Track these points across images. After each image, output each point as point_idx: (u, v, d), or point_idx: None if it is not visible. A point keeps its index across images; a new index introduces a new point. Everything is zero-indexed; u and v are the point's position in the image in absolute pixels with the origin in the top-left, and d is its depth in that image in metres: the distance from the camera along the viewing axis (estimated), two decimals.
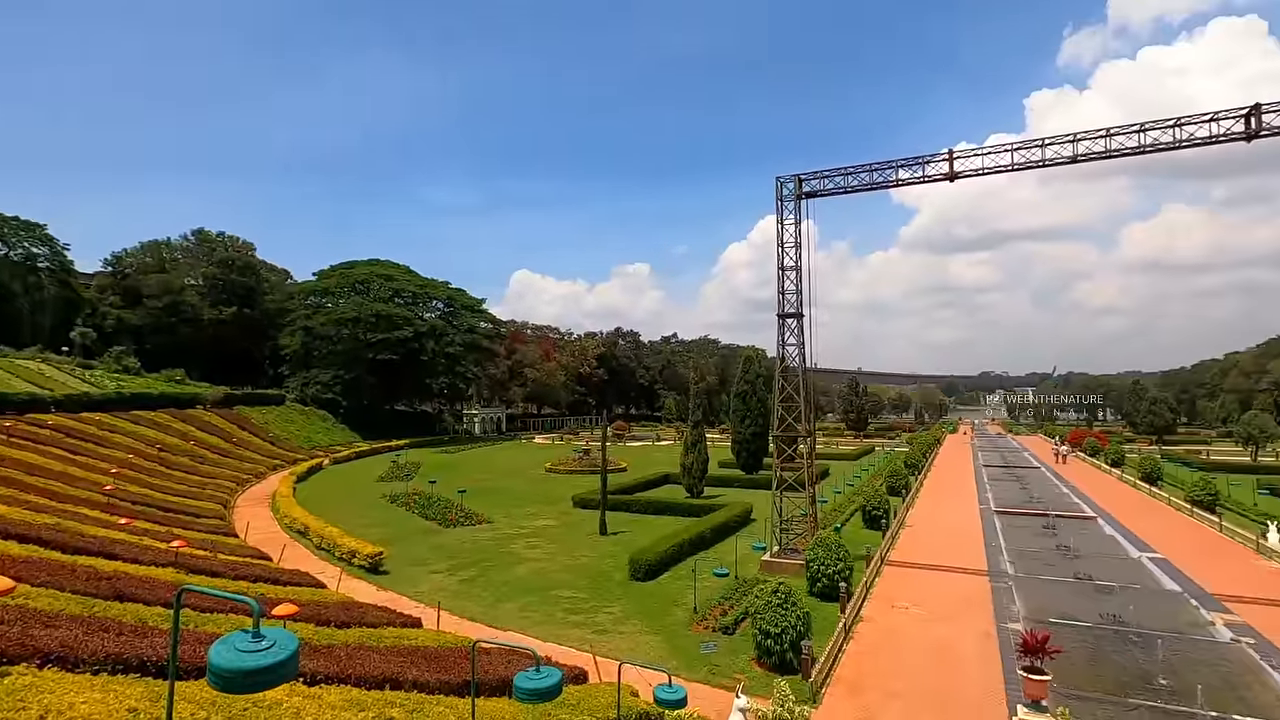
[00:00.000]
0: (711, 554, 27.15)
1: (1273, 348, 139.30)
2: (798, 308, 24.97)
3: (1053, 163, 21.38)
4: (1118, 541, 29.40)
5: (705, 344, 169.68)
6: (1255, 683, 15.01)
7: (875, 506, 31.99)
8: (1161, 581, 23.11)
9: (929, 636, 17.86)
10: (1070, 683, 14.60)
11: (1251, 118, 19.18)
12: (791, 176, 25.05)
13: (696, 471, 40.57)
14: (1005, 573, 24.21)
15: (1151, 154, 20.74)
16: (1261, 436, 66.63)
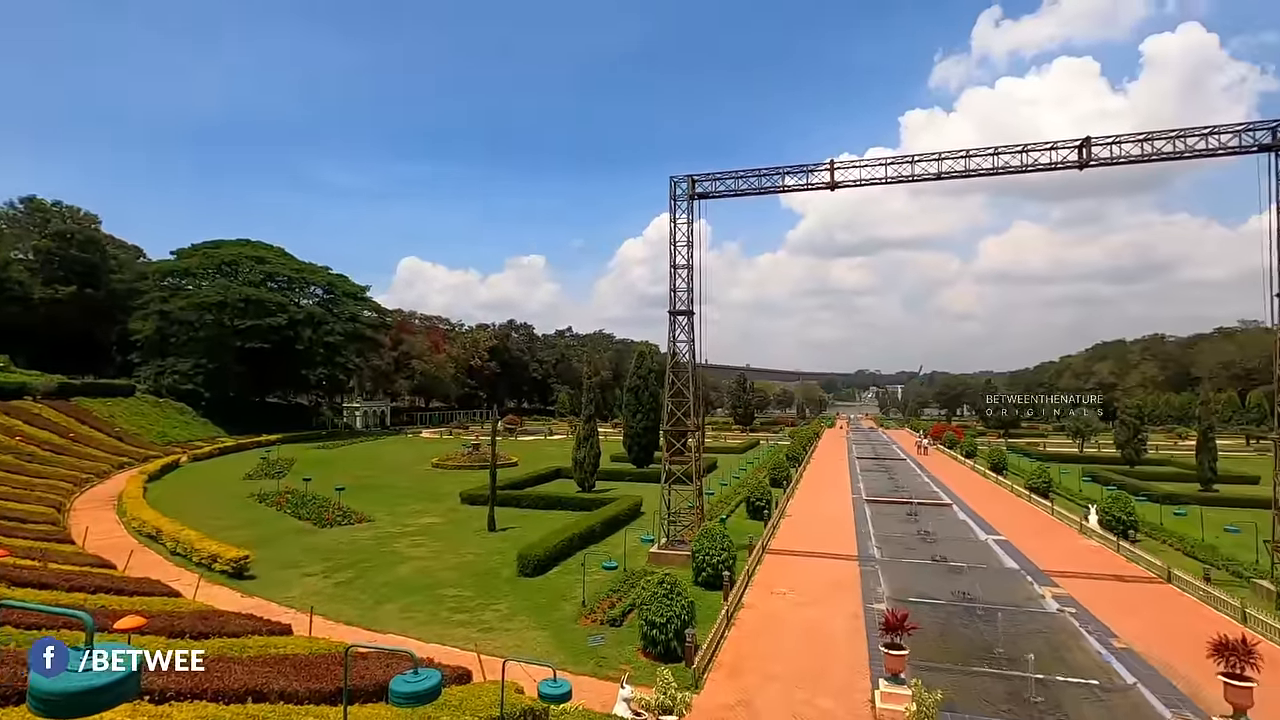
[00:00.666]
0: (602, 547, 27.33)
1: (1098, 352, 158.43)
2: (689, 305, 25.57)
3: (921, 178, 23.17)
4: (969, 526, 32.40)
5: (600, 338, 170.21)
6: (1075, 647, 17.07)
7: (758, 498, 33.42)
8: (1004, 561, 25.73)
9: (804, 619, 18.91)
10: (925, 655, 15.96)
11: (1083, 149, 21.68)
12: (685, 177, 25.58)
13: (588, 466, 40.66)
14: (873, 557, 26.06)
15: (1003, 175, 22.95)
16: (1087, 430, 75.58)
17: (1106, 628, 18.04)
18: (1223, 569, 23.49)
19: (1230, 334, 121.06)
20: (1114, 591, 21.69)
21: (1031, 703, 13.66)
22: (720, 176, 25.65)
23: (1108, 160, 21.58)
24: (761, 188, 25.32)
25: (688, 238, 25.57)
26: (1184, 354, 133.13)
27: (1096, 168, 21.84)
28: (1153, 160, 21.27)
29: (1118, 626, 18.08)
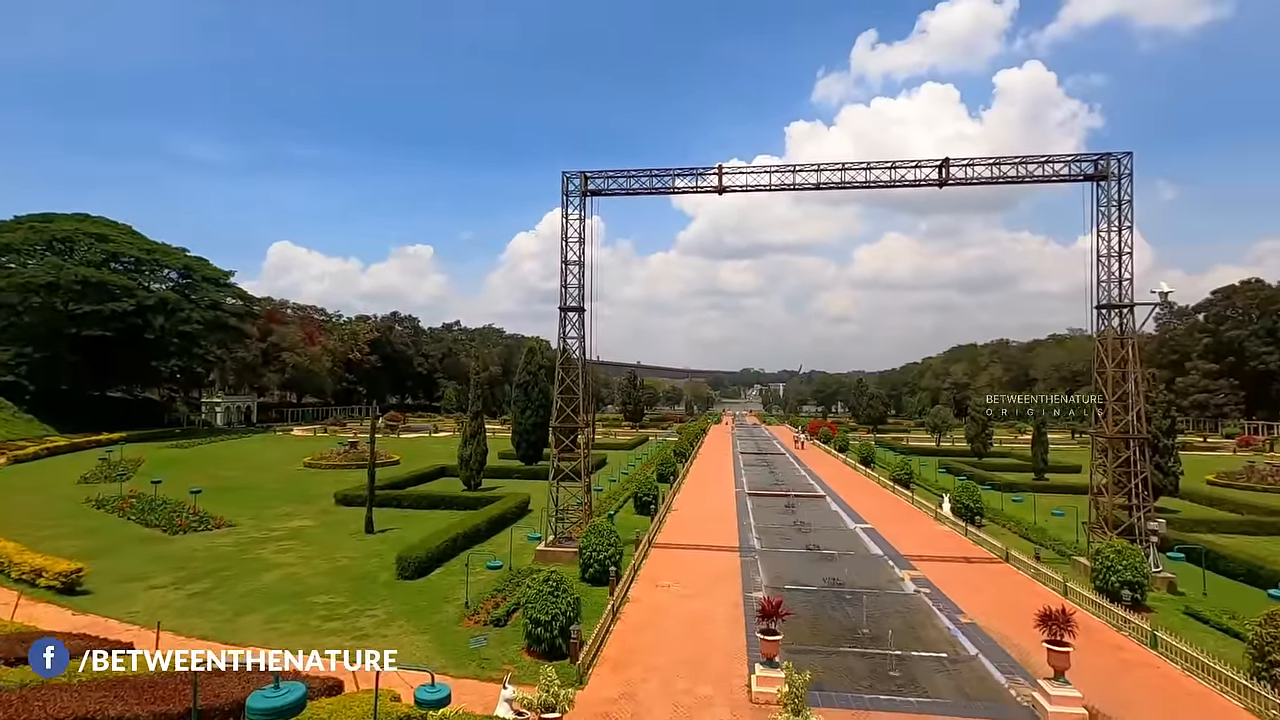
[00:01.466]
0: (487, 547, 26.76)
1: (954, 354, 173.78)
2: (580, 302, 25.52)
3: (801, 187, 24.42)
4: (840, 516, 34.57)
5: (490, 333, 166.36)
6: (928, 624, 18.65)
7: (646, 493, 33.96)
8: (870, 547, 27.67)
9: (687, 611, 19.43)
10: (798, 639, 16.87)
11: (943, 168, 23.70)
12: (578, 173, 25.50)
13: (475, 463, 39.66)
14: (753, 548, 27.21)
15: (875, 188, 24.64)
16: (944, 425, 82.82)
17: (955, 605, 19.84)
18: (1050, 549, 26.48)
19: (1061, 340, 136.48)
20: (962, 572, 23.90)
21: (890, 677, 14.80)
22: (613, 174, 25.78)
23: (963, 180, 23.72)
24: (653, 188, 25.70)
25: (580, 234, 25.51)
26: (1024, 357, 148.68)
27: (954, 186, 23.94)
28: (1000, 182, 23.62)
29: (964, 604, 19.93)
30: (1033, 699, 13.44)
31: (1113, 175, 22.74)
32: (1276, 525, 31.23)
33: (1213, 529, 30.46)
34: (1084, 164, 23.26)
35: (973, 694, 14.16)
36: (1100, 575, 19.98)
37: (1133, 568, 19.40)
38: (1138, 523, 22.65)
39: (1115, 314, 23.13)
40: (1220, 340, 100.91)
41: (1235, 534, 30.03)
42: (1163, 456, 34.07)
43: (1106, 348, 23.42)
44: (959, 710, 13.28)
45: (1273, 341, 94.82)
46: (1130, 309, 22.90)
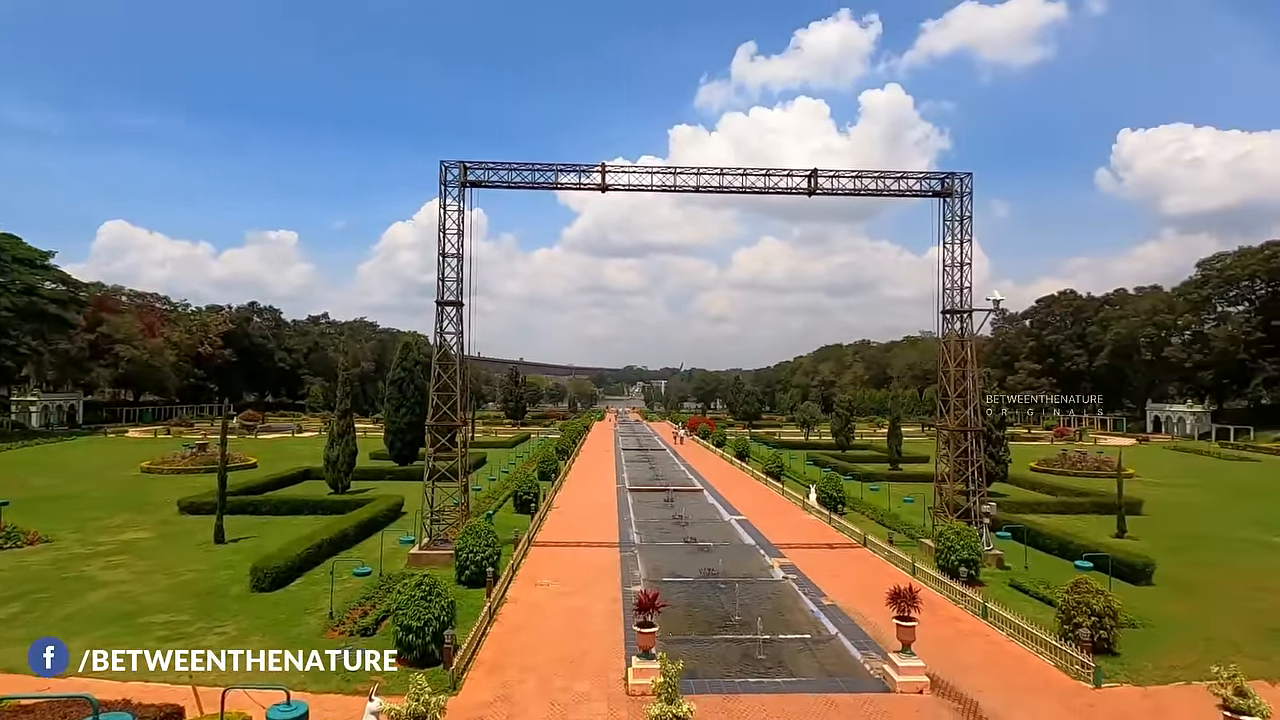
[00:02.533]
0: (355, 552, 25.34)
1: (822, 354, 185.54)
2: (458, 296, 24.73)
3: (681, 189, 25.07)
4: (716, 508, 35.86)
5: (362, 327, 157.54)
6: (795, 609, 19.77)
7: (526, 491, 33.53)
8: (743, 538, 28.91)
9: (566, 608, 19.39)
10: (674, 630, 17.31)
11: (812, 178, 25.19)
12: (457, 163, 24.67)
13: (343, 465, 37.38)
14: (633, 542, 27.61)
15: (750, 194, 25.73)
16: (812, 421, 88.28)
17: (819, 589, 21.16)
18: (902, 533, 28.89)
19: (915, 342, 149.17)
20: (826, 558, 25.53)
21: (758, 660, 15.54)
22: (495, 166, 25.19)
23: (830, 190, 25.32)
24: (536, 182, 25.38)
25: (459, 226, 24.70)
26: (883, 357, 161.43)
27: (822, 195, 25.51)
28: (861, 194, 25.45)
29: (827, 587, 21.30)
30: (884, 671, 14.61)
31: (956, 193, 25.15)
32: (1083, 505, 35.90)
33: (1034, 510, 34.56)
34: (932, 181, 25.56)
35: (832, 670, 15.18)
36: (942, 555, 22.07)
37: (969, 547, 21.59)
38: (973, 506, 25.25)
39: (957, 319, 25.62)
40: (1042, 343, 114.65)
41: (1051, 514, 34.20)
42: (995, 447, 38.14)
43: (949, 349, 25.88)
44: (819, 686, 14.18)
45: (1082, 345, 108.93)
46: (969, 314, 25.45)
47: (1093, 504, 35.53)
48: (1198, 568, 24.49)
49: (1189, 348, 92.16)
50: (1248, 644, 16.97)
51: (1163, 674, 14.99)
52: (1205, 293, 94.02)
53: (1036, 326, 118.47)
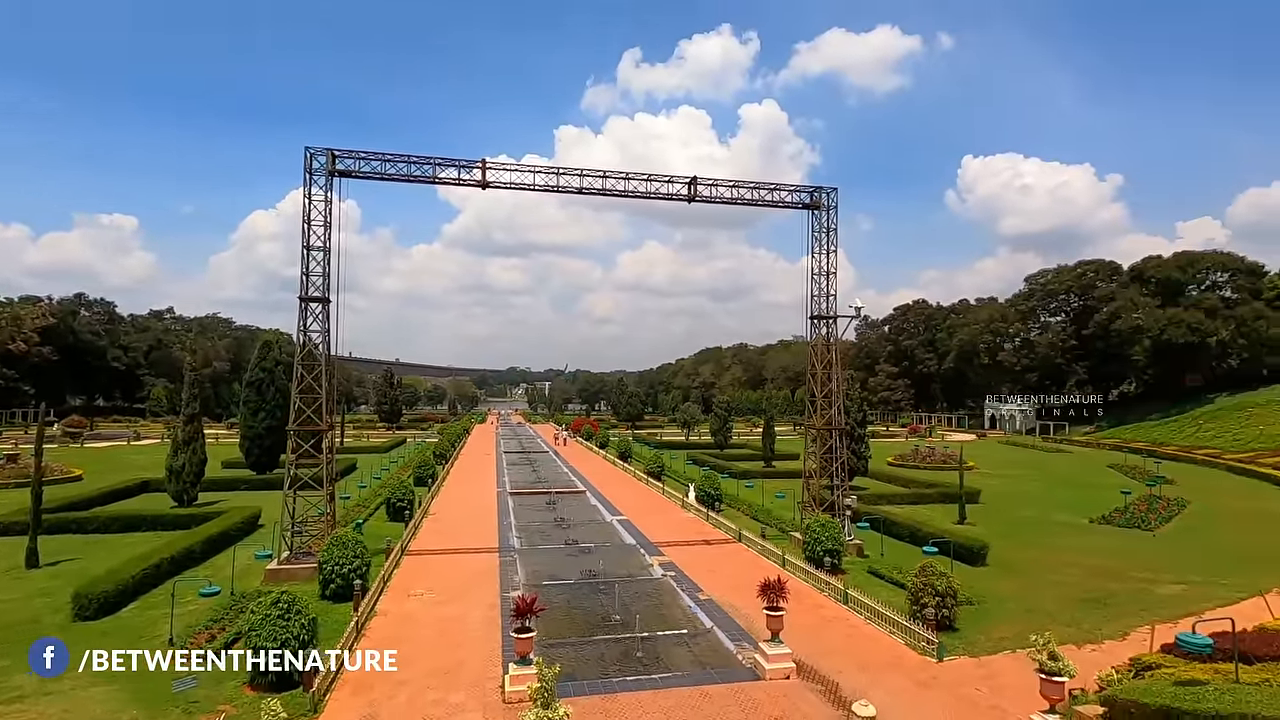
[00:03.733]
0: (203, 571, 23.07)
1: (703, 356, 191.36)
2: (324, 291, 23.18)
3: (565, 189, 24.96)
4: (599, 509, 35.98)
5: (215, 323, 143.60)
6: (673, 605, 20.21)
7: (400, 498, 32.03)
8: (624, 537, 29.19)
9: (441, 618, 18.69)
10: (554, 633, 17.17)
11: (692, 185, 25.95)
12: (324, 150, 23.13)
13: (189, 475, 33.90)
14: (513, 547, 27.11)
15: (632, 198, 26.08)
16: (692, 421, 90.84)
17: (696, 585, 21.76)
18: (774, 527, 30.35)
19: (788, 345, 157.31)
20: (703, 554, 26.31)
21: (636, 657, 15.74)
22: (367, 156, 23.87)
23: (709, 198, 26.19)
24: (412, 175, 24.32)
25: (326, 217, 23.18)
26: (759, 360, 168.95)
27: (701, 203, 26.30)
28: (738, 203, 26.53)
29: (703, 583, 21.95)
30: (755, 660, 15.26)
31: (823, 206, 26.81)
32: (931, 495, 39.39)
33: (890, 501, 37.49)
34: (802, 194, 27.09)
35: (707, 663, 15.66)
36: (809, 546, 23.41)
37: (832, 538, 23.03)
38: (837, 500, 26.99)
39: (824, 324, 27.30)
40: (899, 348, 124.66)
41: (905, 504, 37.28)
42: (857, 444, 41.01)
43: (817, 352, 27.54)
44: (694, 679, 14.58)
45: (932, 350, 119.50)
46: (834, 320, 27.21)
47: (939, 494, 39.06)
48: (1022, 548, 27.56)
49: (1018, 353, 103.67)
50: (1061, 614, 19.31)
51: (993, 645, 16.73)
52: (1031, 305, 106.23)
53: (894, 332, 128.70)
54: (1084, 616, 19.17)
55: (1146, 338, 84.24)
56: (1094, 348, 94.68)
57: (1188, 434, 70.59)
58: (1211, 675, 11.53)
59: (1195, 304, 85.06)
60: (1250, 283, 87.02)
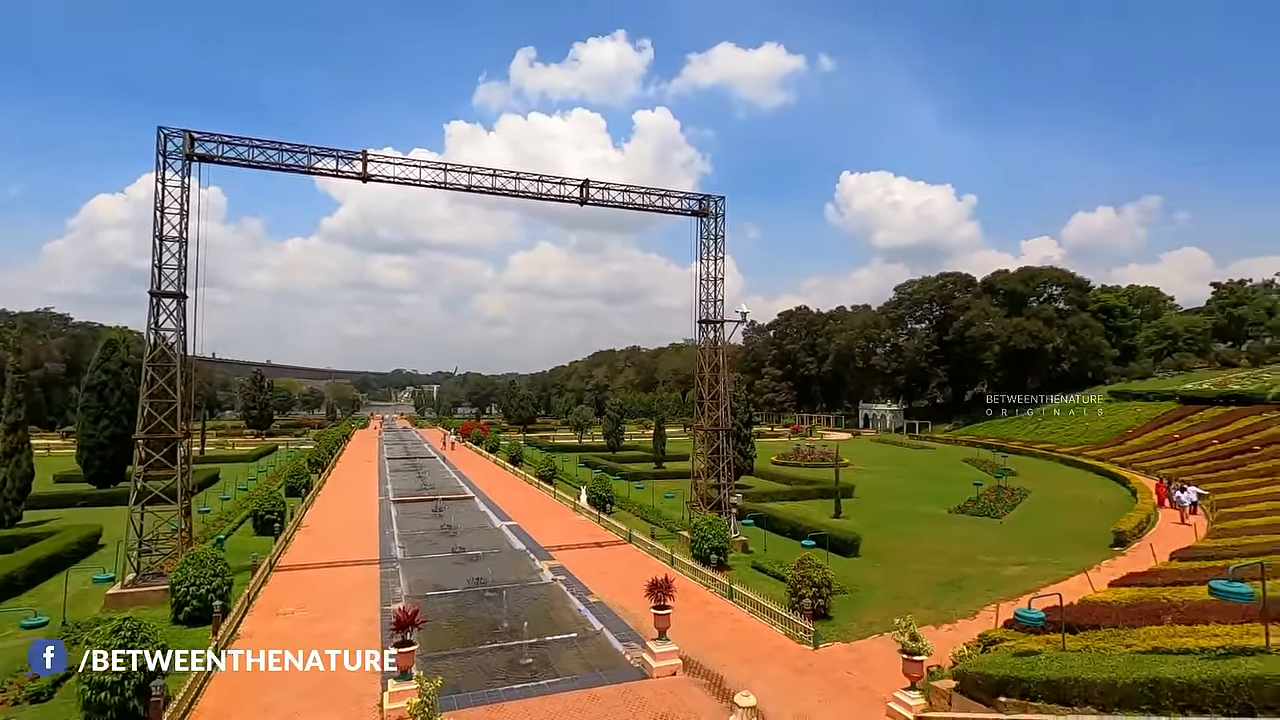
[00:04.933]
0: (28, 599, 20.38)
1: (597, 359, 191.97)
2: (180, 286, 21.14)
3: (453, 186, 24.22)
4: (488, 515, 35.12)
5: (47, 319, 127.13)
6: (563, 609, 20.07)
7: (269, 510, 29.80)
8: (514, 543, 28.66)
9: (314, 635, 17.50)
10: (438, 645, 16.57)
11: (584, 188, 25.95)
12: (180, 131, 21.12)
13: (11, 491, 29.79)
14: (395, 557, 25.92)
15: (524, 198, 25.71)
16: (585, 424, 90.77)
17: (586, 587, 21.74)
18: (663, 527, 30.87)
19: (679, 348, 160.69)
20: (594, 556, 26.33)
21: (524, 665, 15.49)
22: (232, 140, 22.05)
23: (600, 201, 26.29)
24: (284, 164, 22.70)
25: (183, 205, 21.18)
26: (652, 362, 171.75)
27: (593, 205, 26.37)
28: (630, 208, 26.80)
29: (593, 585, 21.97)
30: (643, 659, 15.43)
31: (711, 214, 27.65)
32: (810, 492, 41.56)
33: (773, 498, 39.21)
34: (691, 202, 27.81)
35: (596, 665, 15.66)
36: (696, 545, 24.01)
37: (719, 536, 23.75)
38: (723, 498, 27.87)
39: (711, 328, 28.13)
40: (783, 352, 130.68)
41: (787, 501, 39.11)
42: (743, 443, 42.56)
43: (705, 356, 28.34)
44: (582, 683, 14.54)
45: (813, 354, 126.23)
46: (721, 324, 28.10)
47: (818, 490, 41.28)
48: (890, 538, 29.65)
49: (888, 357, 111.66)
50: (922, 598, 20.94)
51: (863, 630, 17.88)
52: (900, 312, 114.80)
53: (778, 337, 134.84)
54: (942, 599, 20.90)
55: (996, 344, 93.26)
56: (953, 352, 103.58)
57: (1029, 431, 78.73)
58: (1044, 645, 12.90)
59: (1035, 314, 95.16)
60: (1079, 296, 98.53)
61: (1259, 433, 47.33)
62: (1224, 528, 27.29)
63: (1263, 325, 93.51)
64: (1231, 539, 23.91)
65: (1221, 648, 10.06)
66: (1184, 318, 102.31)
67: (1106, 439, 63.93)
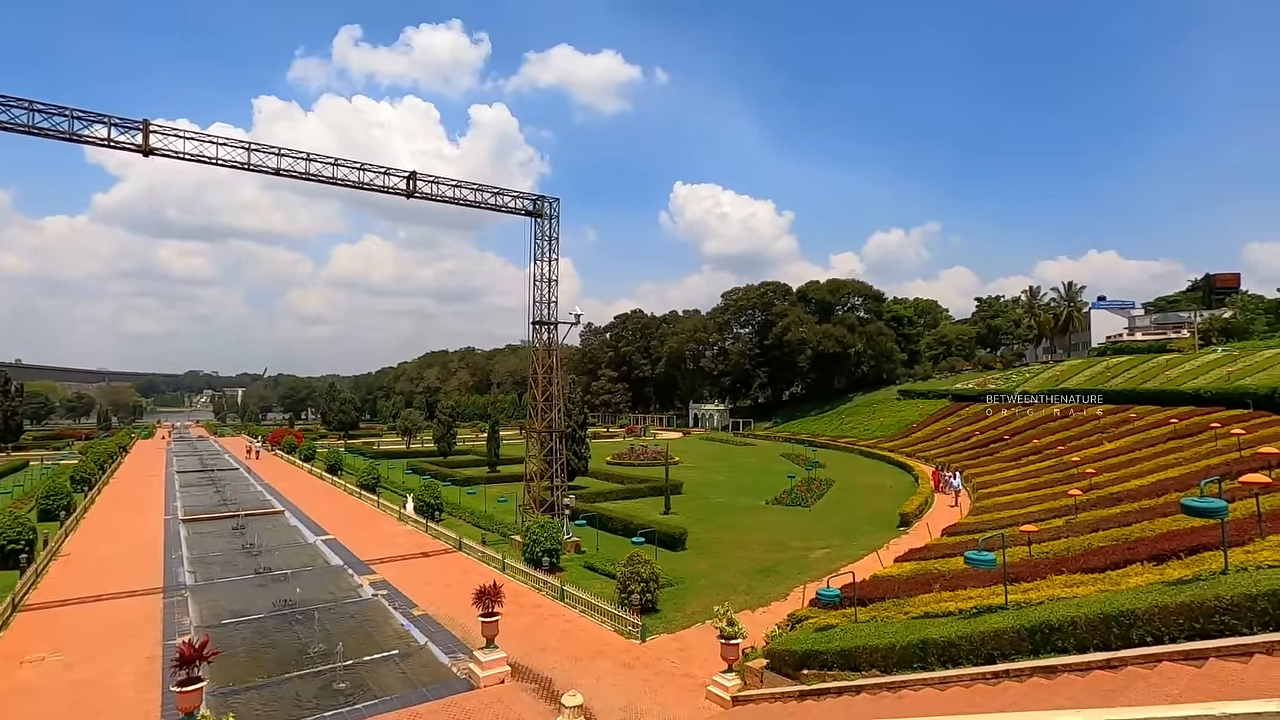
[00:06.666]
0: None
1: (428, 360, 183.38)
2: None
3: (258, 168, 21.87)
4: (299, 530, 32.15)
5: None
6: (384, 624, 18.90)
7: (13, 539, 24.89)
8: (330, 559, 26.50)
9: (72, 683, 14.95)
10: (237, 677, 14.88)
11: (411, 180, 24.68)
12: None
13: None
14: (184, 585, 22.88)
15: (344, 187, 23.91)
16: (414, 428, 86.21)
17: (410, 601, 20.67)
18: (495, 532, 30.20)
19: (515, 349, 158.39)
20: (420, 567, 25.11)
21: (338, 689, 14.37)
22: None
23: (429, 196, 25.18)
24: (36, 127, 19.17)
25: None
26: (487, 364, 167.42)
27: (421, 199, 25.16)
28: (461, 204, 25.96)
29: (419, 597, 20.95)
30: (469, 670, 14.98)
31: (546, 215, 27.56)
32: (642, 490, 42.86)
33: (607, 498, 39.90)
34: (526, 201, 27.54)
35: (420, 681, 14.93)
36: (529, 548, 23.77)
37: (551, 538, 23.71)
38: (556, 500, 27.87)
39: (545, 329, 28.03)
40: (619, 354, 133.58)
41: (620, 500, 39.98)
42: (578, 445, 42.89)
43: (539, 357, 28.17)
44: (402, 701, 13.79)
45: (647, 356, 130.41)
46: (555, 326, 28.10)
47: (650, 488, 42.68)
48: (715, 530, 31.42)
49: (716, 360, 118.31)
50: (741, 584, 22.42)
51: (687, 619, 18.76)
52: (726, 318, 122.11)
53: (615, 339, 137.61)
54: (758, 584, 22.51)
55: (809, 348, 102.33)
56: (773, 355, 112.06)
57: (835, 426, 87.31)
58: (841, 620, 14.35)
59: (841, 321, 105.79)
60: (875, 306, 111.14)
61: (1009, 424, 56.38)
62: (981, 505, 32.17)
63: (1011, 334, 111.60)
64: (986, 515, 28.25)
65: (974, 608, 11.82)
66: (956, 327, 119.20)
67: (896, 432, 72.61)
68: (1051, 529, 20.00)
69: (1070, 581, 11.88)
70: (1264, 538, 10.51)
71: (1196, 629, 7.88)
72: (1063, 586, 11.65)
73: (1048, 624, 9.19)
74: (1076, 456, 36.39)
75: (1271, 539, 10.32)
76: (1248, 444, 24.20)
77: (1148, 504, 19.97)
